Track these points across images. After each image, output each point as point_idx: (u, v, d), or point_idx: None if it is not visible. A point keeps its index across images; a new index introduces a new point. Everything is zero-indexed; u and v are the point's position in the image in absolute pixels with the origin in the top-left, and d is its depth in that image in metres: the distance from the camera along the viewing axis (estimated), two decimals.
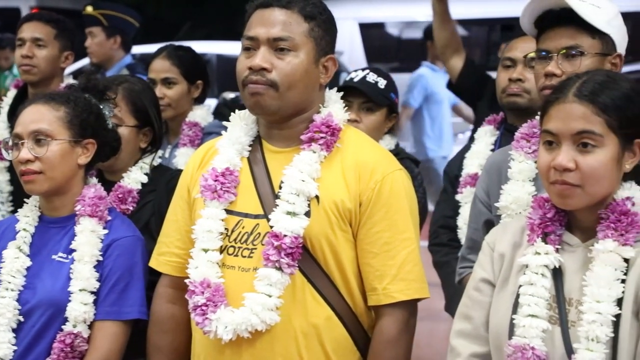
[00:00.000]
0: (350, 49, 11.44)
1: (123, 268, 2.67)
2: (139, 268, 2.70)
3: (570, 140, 2.13)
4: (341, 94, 2.61)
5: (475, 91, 4.84)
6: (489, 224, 2.78)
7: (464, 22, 12.15)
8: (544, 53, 2.58)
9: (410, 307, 2.48)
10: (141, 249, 2.73)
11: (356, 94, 3.63)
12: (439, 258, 3.64)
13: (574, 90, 2.15)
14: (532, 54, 2.66)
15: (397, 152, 3.73)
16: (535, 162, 2.67)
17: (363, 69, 3.77)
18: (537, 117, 2.73)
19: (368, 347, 2.50)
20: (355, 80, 3.67)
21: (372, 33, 12.17)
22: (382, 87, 3.68)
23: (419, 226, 2.56)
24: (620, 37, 2.59)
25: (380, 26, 12.24)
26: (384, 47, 12.10)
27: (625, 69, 8.78)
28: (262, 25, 2.47)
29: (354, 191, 2.45)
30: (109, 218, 2.72)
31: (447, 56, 4.75)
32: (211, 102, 8.16)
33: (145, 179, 3.00)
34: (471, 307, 2.31)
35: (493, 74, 4.94)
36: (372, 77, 3.67)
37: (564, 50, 2.54)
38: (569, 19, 2.53)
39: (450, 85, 5.00)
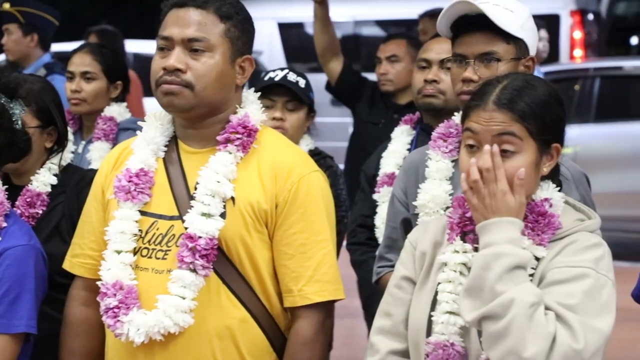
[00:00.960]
0: (270, 49, 11.44)
1: (13, 279, 2.53)
2: (30, 279, 2.56)
3: (491, 144, 2.14)
4: (259, 94, 2.59)
5: (354, 93, 4.96)
6: (407, 223, 2.80)
7: (382, 23, 12.26)
8: (460, 57, 2.60)
9: (326, 308, 2.48)
10: (34, 258, 2.58)
11: (279, 93, 3.63)
12: (357, 257, 3.66)
13: (493, 98, 2.17)
14: (449, 58, 2.68)
15: (319, 152, 3.78)
16: (452, 161, 2.71)
17: (282, 69, 3.77)
18: (454, 118, 2.78)
19: (284, 348, 2.48)
20: (277, 79, 3.66)
21: (291, 33, 12.18)
22: (303, 86, 3.68)
23: (335, 227, 2.55)
24: (532, 41, 2.63)
25: (299, 26, 12.25)
26: (304, 47, 12.10)
27: (542, 69, 8.96)
28: (176, 25, 2.44)
29: (270, 192, 2.44)
30: (5, 225, 2.58)
31: (326, 59, 4.89)
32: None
33: (54, 181, 2.92)
34: (392, 304, 2.33)
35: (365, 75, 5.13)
36: (292, 77, 3.68)
37: (481, 56, 2.56)
38: (484, 25, 2.55)
39: (329, 88, 5.09)
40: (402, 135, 3.64)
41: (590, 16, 11.84)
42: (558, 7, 11.14)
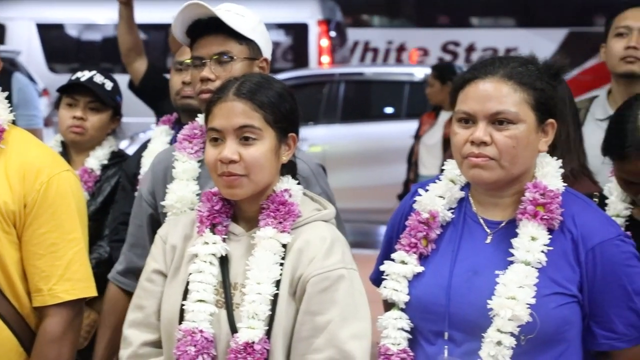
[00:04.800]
0: (28, 49, 10.97)
1: None
2: None
3: (233, 135, 2.19)
4: (6, 94, 2.44)
5: (158, 92, 4.91)
6: (153, 219, 2.73)
7: (145, 27, 12.05)
8: (197, 60, 2.62)
9: (76, 306, 2.39)
10: None
11: (83, 93, 3.56)
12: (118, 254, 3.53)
13: (233, 90, 2.22)
14: (188, 61, 2.67)
15: (122, 154, 3.68)
16: (198, 161, 2.69)
17: (90, 70, 3.67)
18: (197, 119, 2.76)
19: None
20: (83, 79, 3.57)
21: (51, 34, 11.77)
22: (109, 89, 3.61)
23: (86, 226, 2.46)
24: (264, 43, 2.68)
25: (59, 27, 11.87)
26: (64, 48, 11.75)
27: (288, 74, 9.14)
28: None
29: (18, 193, 2.31)
30: None
31: (131, 59, 4.84)
32: None
33: None
34: (143, 297, 2.30)
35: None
36: (99, 79, 3.60)
37: (216, 56, 2.60)
38: (218, 27, 2.59)
39: (133, 87, 5.02)
40: (161, 135, 3.59)
41: (333, 28, 12.18)
42: (306, 16, 11.38)
